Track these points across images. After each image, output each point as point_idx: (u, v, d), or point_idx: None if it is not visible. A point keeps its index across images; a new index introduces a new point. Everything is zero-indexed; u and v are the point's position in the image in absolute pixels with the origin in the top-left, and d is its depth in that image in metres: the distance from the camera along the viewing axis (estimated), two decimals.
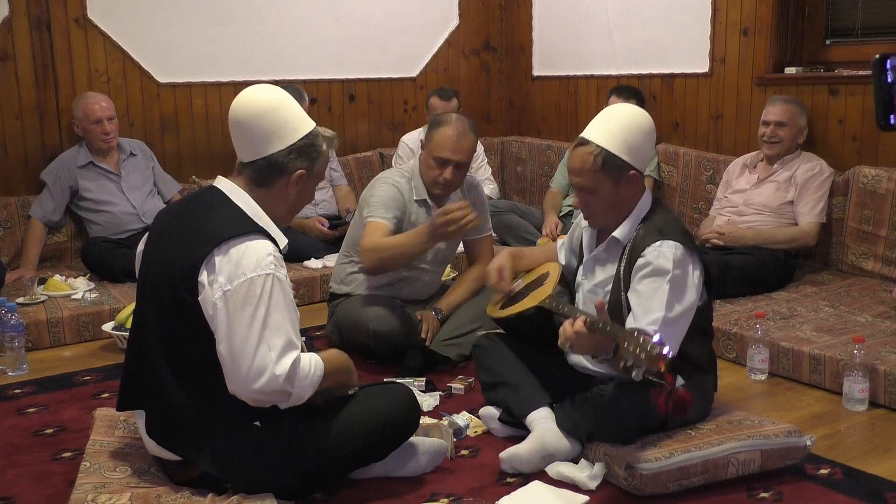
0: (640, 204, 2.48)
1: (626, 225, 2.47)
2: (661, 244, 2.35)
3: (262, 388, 2.00)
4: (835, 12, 4.29)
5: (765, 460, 2.32)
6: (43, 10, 4.42)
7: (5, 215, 4.34)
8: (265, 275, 2.01)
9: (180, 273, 2.04)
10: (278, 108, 2.15)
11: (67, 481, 2.30)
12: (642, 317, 2.30)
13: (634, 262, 2.38)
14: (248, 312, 1.99)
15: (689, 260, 2.37)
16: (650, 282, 2.32)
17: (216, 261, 2.02)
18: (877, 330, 3.17)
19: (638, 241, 2.41)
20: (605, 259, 2.53)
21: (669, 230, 2.39)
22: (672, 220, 2.48)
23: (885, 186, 3.77)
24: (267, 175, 2.15)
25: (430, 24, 5.70)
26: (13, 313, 3.31)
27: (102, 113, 4.29)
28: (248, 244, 2.04)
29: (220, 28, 4.91)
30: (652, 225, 2.43)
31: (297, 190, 2.18)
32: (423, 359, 3.17)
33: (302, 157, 2.16)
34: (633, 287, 2.37)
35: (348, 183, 5.13)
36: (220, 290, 2.00)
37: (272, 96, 2.17)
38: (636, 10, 4.97)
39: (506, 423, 2.60)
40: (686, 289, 2.34)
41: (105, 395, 3.07)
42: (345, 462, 2.25)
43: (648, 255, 2.35)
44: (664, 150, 4.75)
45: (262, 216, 2.14)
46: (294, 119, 2.17)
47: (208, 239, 2.04)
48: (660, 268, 2.32)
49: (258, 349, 1.99)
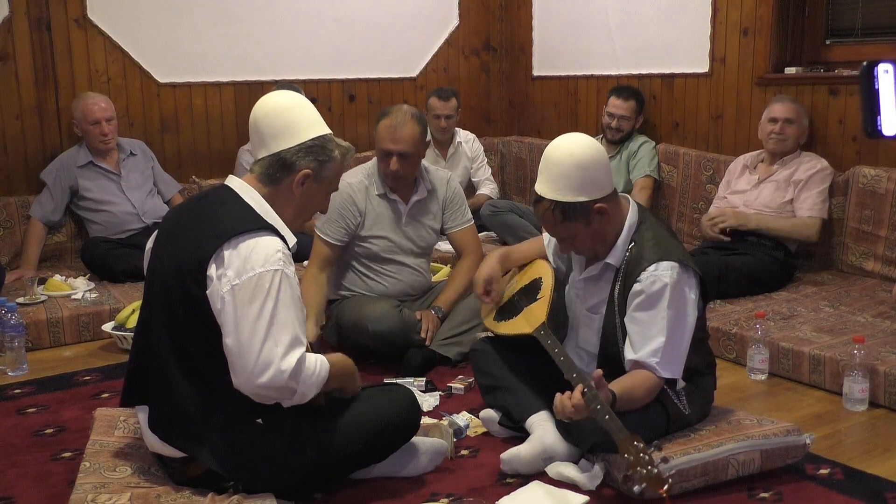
0: (627, 224, 2.43)
1: (618, 248, 2.43)
2: (655, 268, 2.31)
3: (267, 383, 2.00)
4: (835, 12, 4.29)
5: (764, 460, 2.32)
6: (43, 10, 4.42)
7: (5, 215, 4.34)
8: (273, 270, 2.02)
9: (189, 267, 2.05)
10: (292, 108, 2.20)
11: (67, 481, 2.30)
12: (642, 346, 2.29)
13: (629, 287, 2.36)
14: (255, 307, 2.00)
15: (685, 279, 2.34)
16: (648, 308, 2.30)
17: (225, 255, 2.03)
18: (877, 330, 3.17)
19: (632, 263, 2.38)
20: (598, 279, 2.51)
21: (663, 249, 2.35)
22: (664, 235, 2.43)
23: (885, 186, 3.77)
24: (275, 171, 2.16)
25: (430, 24, 5.70)
26: (13, 313, 3.31)
27: (101, 114, 4.29)
28: (257, 240, 2.04)
29: (220, 28, 4.91)
30: (645, 244, 2.38)
31: (301, 191, 2.18)
32: (423, 358, 3.17)
33: (310, 157, 2.17)
34: (631, 314, 2.34)
35: None
36: (228, 284, 2.01)
37: (290, 97, 2.24)
38: (636, 10, 4.97)
39: (506, 426, 2.60)
40: (685, 311, 2.33)
41: (105, 395, 3.07)
42: (345, 463, 2.25)
43: (644, 281, 2.32)
44: (664, 150, 4.75)
45: (271, 214, 2.15)
46: (308, 119, 2.20)
47: (218, 234, 2.05)
48: (656, 294, 2.29)
49: (265, 344, 1.99)
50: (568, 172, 2.33)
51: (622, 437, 2.01)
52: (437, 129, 5.07)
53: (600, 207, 2.36)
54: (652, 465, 1.93)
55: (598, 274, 2.50)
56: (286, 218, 2.19)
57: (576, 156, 2.34)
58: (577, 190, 2.34)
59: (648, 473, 1.91)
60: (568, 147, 2.37)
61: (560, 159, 2.35)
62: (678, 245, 2.43)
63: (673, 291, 2.29)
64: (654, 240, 2.39)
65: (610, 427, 2.04)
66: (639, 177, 4.63)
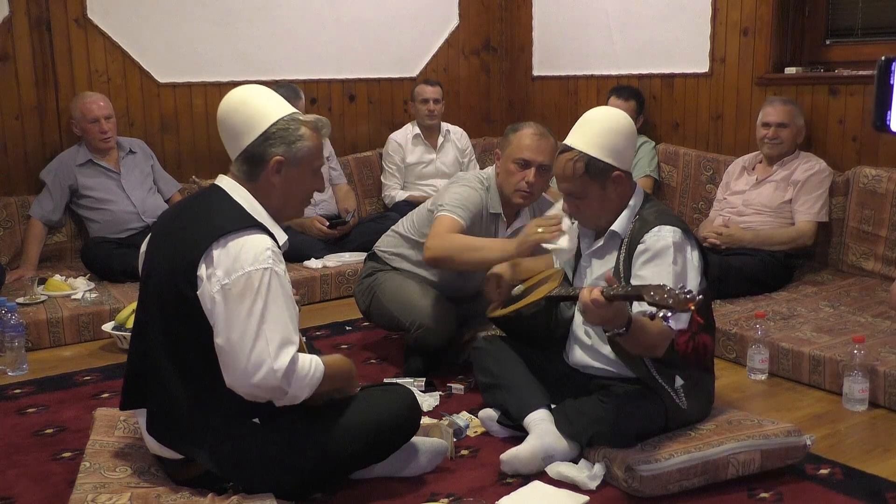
0: (634, 199, 2.50)
1: (623, 218, 2.48)
2: (659, 229, 2.37)
3: (259, 382, 2.00)
4: (835, 12, 4.29)
5: (765, 460, 2.32)
6: (43, 10, 4.42)
7: (5, 215, 4.33)
8: (263, 269, 2.02)
9: (180, 268, 2.05)
10: (247, 101, 2.17)
11: (67, 481, 2.30)
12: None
13: (633, 252, 2.39)
14: (245, 306, 2.00)
15: (687, 243, 2.39)
16: (653, 265, 2.33)
17: (214, 255, 2.02)
18: (877, 330, 3.17)
19: (636, 231, 2.43)
20: (604, 252, 2.54)
21: (666, 218, 2.41)
22: (667, 210, 2.52)
23: (885, 186, 3.77)
24: (250, 168, 2.16)
25: (430, 24, 5.70)
26: (13, 313, 3.31)
27: (100, 112, 4.29)
28: (246, 238, 2.04)
29: (220, 28, 4.91)
30: (648, 215, 2.45)
31: (280, 179, 2.16)
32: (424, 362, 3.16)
33: (276, 143, 2.14)
34: (636, 273, 2.36)
35: (348, 182, 5.12)
36: (218, 283, 2.01)
37: (242, 92, 2.20)
38: (636, 10, 4.97)
39: (505, 425, 2.60)
40: (688, 270, 2.36)
41: (105, 395, 3.07)
42: (345, 463, 2.25)
43: (648, 240, 2.36)
44: (664, 150, 4.75)
45: (260, 212, 2.15)
46: (264, 107, 2.17)
47: (207, 234, 2.05)
48: (661, 250, 2.33)
49: (256, 342, 1.99)
50: (603, 133, 2.43)
51: (644, 289, 2.01)
52: (427, 114, 5.11)
53: (618, 176, 2.44)
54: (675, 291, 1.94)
55: (604, 245, 2.53)
56: (274, 210, 2.18)
57: (613, 121, 2.46)
58: (606, 151, 2.41)
59: (676, 298, 1.93)
60: (608, 113, 2.52)
61: (598, 120, 2.47)
62: (682, 221, 2.48)
63: (677, 250, 2.34)
64: (658, 212, 2.45)
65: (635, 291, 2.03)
66: (639, 177, 4.62)
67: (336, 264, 4.40)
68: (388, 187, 5.20)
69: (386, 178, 5.23)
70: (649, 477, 2.20)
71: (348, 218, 4.73)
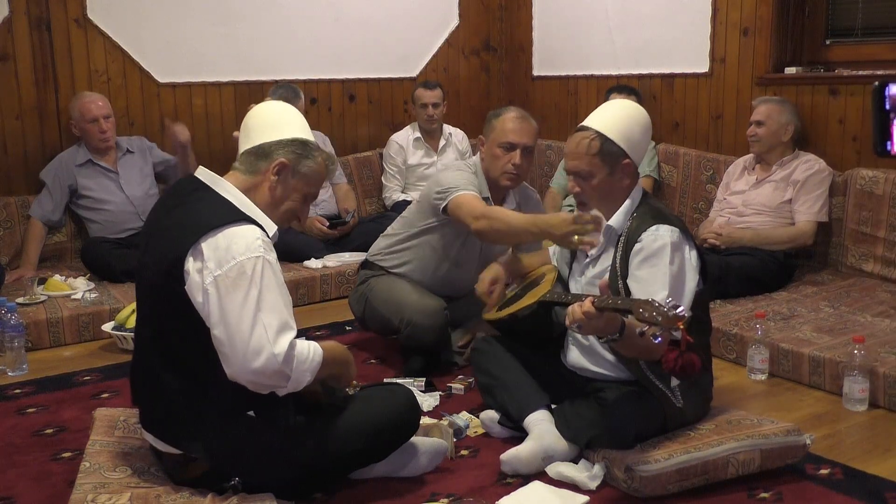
0: (633, 194, 2.50)
1: (621, 214, 2.48)
2: (657, 228, 2.37)
3: (260, 369, 1.99)
4: (835, 12, 4.29)
5: (764, 460, 2.32)
6: (43, 10, 4.42)
7: (5, 215, 4.34)
8: (255, 257, 2.02)
9: (169, 265, 2.05)
10: (285, 112, 2.28)
11: (67, 481, 2.30)
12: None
13: (630, 250, 2.39)
14: (240, 294, 2.00)
15: (685, 243, 2.39)
16: (649, 265, 2.33)
17: (203, 248, 2.03)
18: (877, 330, 3.17)
19: (633, 229, 2.42)
20: (601, 249, 2.54)
21: (663, 217, 2.41)
22: (664, 208, 2.52)
23: (883, 188, 3.77)
24: (255, 160, 2.19)
25: (430, 24, 5.70)
26: (13, 313, 3.31)
27: (98, 112, 4.29)
28: (235, 230, 2.05)
29: (220, 28, 4.91)
30: (646, 213, 2.45)
31: (276, 180, 2.18)
32: (424, 362, 3.16)
33: (288, 151, 2.19)
34: (633, 273, 2.36)
35: (348, 182, 5.12)
36: (210, 275, 2.01)
37: (287, 106, 2.31)
38: (636, 10, 4.97)
39: (505, 426, 2.60)
40: (685, 270, 2.36)
41: (105, 395, 3.07)
42: (345, 462, 2.25)
43: (645, 239, 2.36)
44: (664, 150, 4.75)
45: (248, 205, 2.16)
46: (294, 122, 2.25)
47: (194, 229, 2.06)
48: (657, 250, 2.33)
49: (254, 329, 1.99)
50: (622, 119, 2.48)
51: (634, 303, 2.01)
52: (427, 118, 5.11)
53: (628, 164, 2.46)
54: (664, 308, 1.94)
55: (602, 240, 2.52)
56: (263, 206, 2.19)
57: (633, 112, 2.52)
58: (622, 136, 2.45)
59: (665, 316, 1.93)
60: (629, 105, 2.58)
61: (619, 108, 2.54)
62: (679, 219, 2.48)
63: (674, 250, 2.33)
64: (654, 211, 2.46)
65: (624, 305, 2.03)
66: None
67: (336, 264, 4.40)
68: (389, 189, 5.21)
69: (387, 180, 5.23)
70: (649, 477, 2.20)
71: (348, 218, 4.73)
